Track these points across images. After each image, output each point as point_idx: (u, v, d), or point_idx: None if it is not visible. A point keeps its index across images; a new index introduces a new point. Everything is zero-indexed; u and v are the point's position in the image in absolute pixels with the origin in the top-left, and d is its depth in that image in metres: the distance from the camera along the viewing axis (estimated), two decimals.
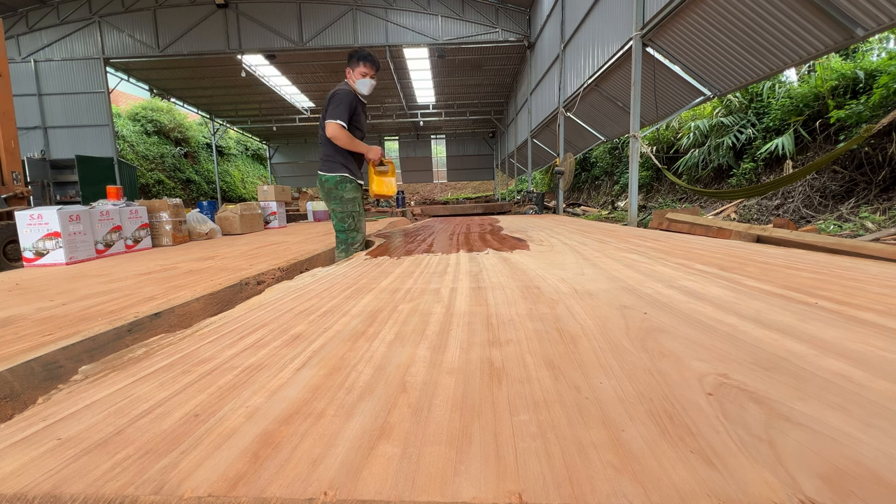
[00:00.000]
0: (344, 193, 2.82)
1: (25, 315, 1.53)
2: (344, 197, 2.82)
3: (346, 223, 2.85)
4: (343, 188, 2.81)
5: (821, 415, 0.55)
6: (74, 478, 0.46)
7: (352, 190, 2.84)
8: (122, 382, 0.73)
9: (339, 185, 2.81)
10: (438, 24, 12.78)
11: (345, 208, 2.83)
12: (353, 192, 2.84)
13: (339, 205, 2.83)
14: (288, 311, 1.19)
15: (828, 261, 1.69)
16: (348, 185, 2.82)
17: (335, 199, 2.83)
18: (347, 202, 2.83)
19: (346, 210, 2.83)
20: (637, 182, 5.97)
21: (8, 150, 4.72)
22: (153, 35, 12.97)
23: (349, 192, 2.83)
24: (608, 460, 0.47)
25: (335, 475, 0.46)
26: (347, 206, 2.83)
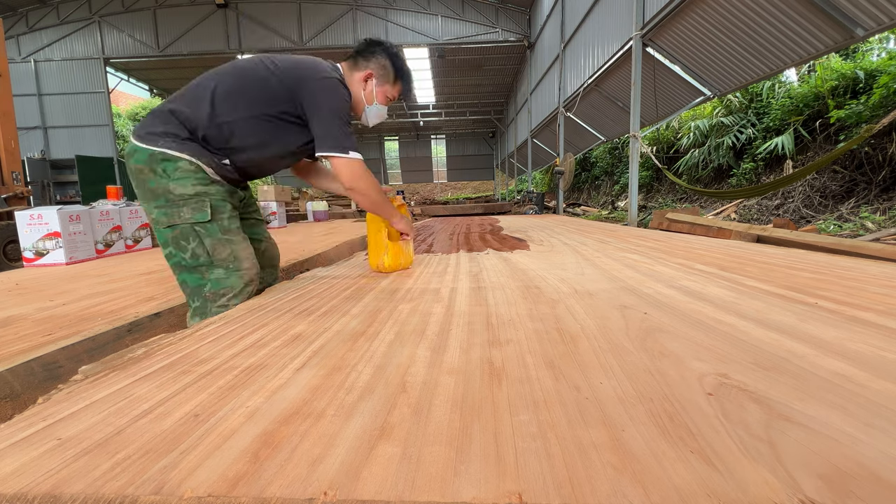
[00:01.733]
0: (170, 181, 1.37)
1: (25, 315, 1.53)
2: (170, 189, 1.37)
3: (185, 254, 1.40)
4: (169, 166, 1.37)
5: (821, 415, 0.55)
6: (74, 478, 0.46)
7: (189, 175, 1.39)
8: (122, 382, 0.73)
9: (161, 158, 1.36)
10: (438, 24, 12.78)
11: (174, 216, 1.38)
12: (191, 180, 1.39)
13: (162, 207, 1.39)
14: (288, 311, 1.20)
15: (828, 261, 1.69)
16: (182, 163, 1.38)
17: (152, 194, 1.39)
18: (179, 203, 1.38)
19: (181, 221, 1.38)
20: (637, 182, 5.97)
21: (8, 150, 4.72)
22: (153, 35, 12.97)
23: (186, 180, 1.38)
24: (608, 460, 0.47)
25: (335, 475, 0.46)
26: (182, 212, 1.38)
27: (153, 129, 1.40)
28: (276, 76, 1.44)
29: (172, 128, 1.39)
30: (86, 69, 13.27)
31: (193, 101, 1.42)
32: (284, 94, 1.44)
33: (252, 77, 1.44)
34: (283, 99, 1.44)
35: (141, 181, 1.40)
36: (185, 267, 1.43)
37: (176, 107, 1.42)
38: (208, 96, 1.41)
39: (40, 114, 13.43)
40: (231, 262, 1.44)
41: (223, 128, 1.42)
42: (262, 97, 1.43)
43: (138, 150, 1.38)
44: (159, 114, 1.43)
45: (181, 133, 1.40)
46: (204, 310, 1.42)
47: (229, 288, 1.43)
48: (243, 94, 1.43)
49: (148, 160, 1.37)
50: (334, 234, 4.26)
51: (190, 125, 1.40)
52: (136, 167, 1.40)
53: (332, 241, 3.51)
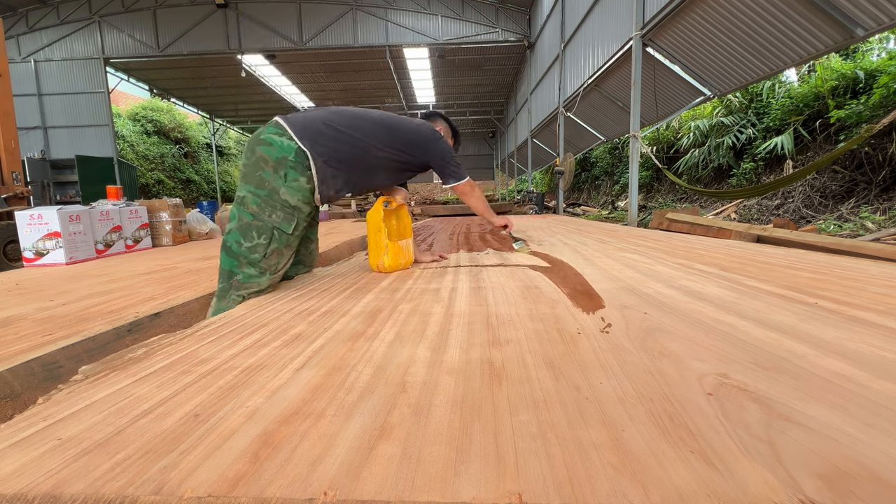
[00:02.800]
0: (284, 186, 1.48)
1: (25, 315, 1.53)
2: (278, 191, 1.48)
3: (246, 242, 1.48)
4: (291, 176, 1.49)
5: (821, 415, 0.55)
6: (74, 478, 0.46)
7: (304, 192, 1.52)
8: (122, 382, 0.73)
9: (291, 166, 1.49)
10: (438, 24, 12.77)
11: (266, 211, 1.48)
12: (299, 195, 1.51)
13: (259, 198, 1.49)
14: (288, 311, 1.19)
15: (828, 261, 1.69)
16: (302, 180, 1.50)
17: (258, 183, 1.49)
18: (277, 206, 1.49)
19: (268, 219, 1.49)
20: (637, 182, 5.97)
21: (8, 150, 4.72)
22: (153, 35, 12.96)
23: (296, 193, 1.50)
24: (608, 460, 0.47)
25: (335, 475, 0.46)
26: (274, 213, 1.49)
27: (308, 132, 1.56)
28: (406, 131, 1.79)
29: (322, 145, 1.56)
30: (86, 69, 13.26)
31: (346, 130, 1.63)
32: (416, 147, 1.80)
33: (389, 126, 1.75)
34: (415, 150, 1.80)
35: (258, 167, 1.51)
36: (232, 251, 1.52)
37: (328, 130, 1.60)
38: (361, 132, 1.65)
39: (40, 114, 13.43)
40: (272, 268, 1.54)
41: (372, 160, 1.68)
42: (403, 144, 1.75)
43: (274, 145, 1.51)
44: (316, 125, 1.60)
45: (326, 155, 1.56)
46: (225, 293, 1.52)
47: (255, 284, 1.52)
48: (390, 138, 1.72)
49: (277, 160, 1.50)
50: (334, 234, 4.26)
51: (339, 152, 1.60)
52: (262, 155, 1.51)
53: (332, 241, 3.51)
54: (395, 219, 1.93)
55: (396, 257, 1.80)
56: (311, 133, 1.55)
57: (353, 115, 1.69)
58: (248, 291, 1.50)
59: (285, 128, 1.53)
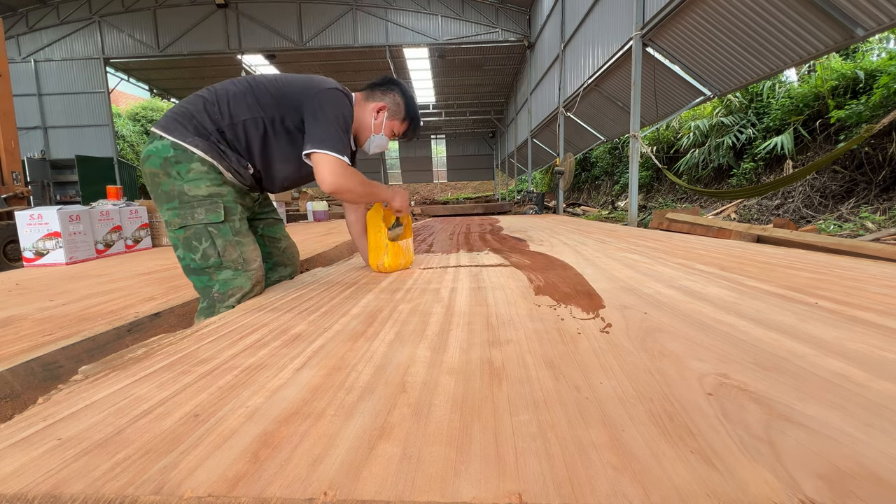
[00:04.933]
0: (184, 183, 1.39)
1: (25, 315, 1.53)
2: (184, 191, 1.39)
3: (196, 254, 1.41)
4: (183, 169, 1.39)
5: (821, 415, 0.55)
6: (74, 478, 0.46)
7: (205, 177, 1.41)
8: (122, 382, 0.73)
9: (176, 161, 1.39)
10: (438, 24, 12.78)
11: (188, 217, 1.40)
12: (205, 181, 1.41)
13: (176, 210, 1.40)
14: (288, 311, 1.20)
15: (828, 261, 1.69)
16: (195, 165, 1.40)
17: (167, 197, 1.41)
18: (193, 204, 1.40)
19: (194, 221, 1.40)
20: (637, 182, 5.97)
21: (8, 150, 4.72)
22: (153, 35, 12.97)
23: (199, 182, 1.40)
24: (608, 460, 0.47)
25: (335, 475, 0.46)
26: (195, 213, 1.39)
27: (172, 122, 1.43)
28: (286, 85, 1.50)
29: (191, 123, 1.43)
30: (86, 69, 13.26)
31: (214, 102, 1.46)
32: (293, 101, 1.47)
33: (264, 84, 1.49)
34: (291, 107, 1.47)
35: (155, 184, 1.43)
36: (193, 269, 1.45)
37: (194, 108, 1.45)
38: (225, 98, 1.46)
39: (40, 114, 13.43)
40: (240, 263, 1.46)
41: (237, 127, 1.45)
42: (271, 102, 1.47)
43: (152, 155, 1.41)
44: (180, 110, 1.46)
45: (199, 129, 1.42)
46: (211, 310, 1.44)
47: (238, 288, 1.45)
48: (257, 98, 1.47)
49: (162, 164, 1.40)
50: (334, 234, 4.26)
51: (209, 123, 1.43)
52: (150, 171, 1.43)
53: (332, 241, 3.51)
54: (394, 219, 1.93)
55: (396, 257, 1.80)
56: (176, 118, 1.44)
57: (223, 84, 1.53)
58: (235, 298, 1.43)
59: (153, 130, 1.47)
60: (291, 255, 1.86)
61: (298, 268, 1.92)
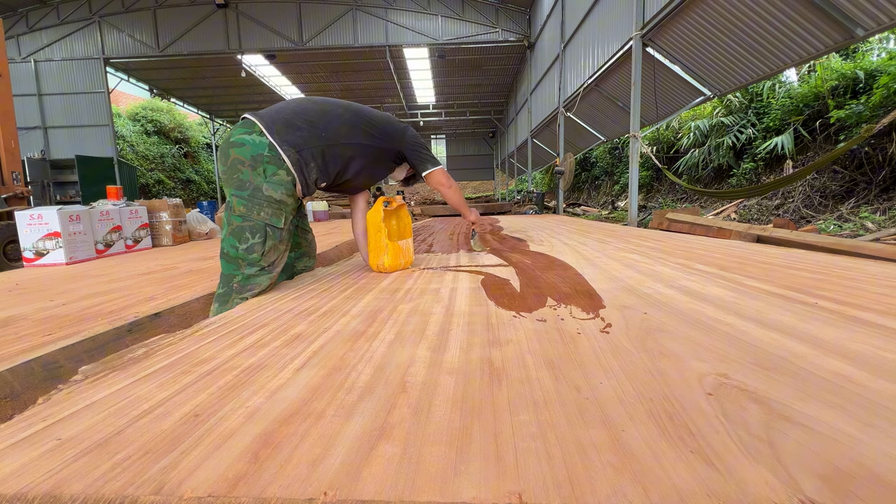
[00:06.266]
0: (265, 182, 1.48)
1: (25, 315, 1.53)
2: (262, 189, 1.48)
3: (242, 244, 1.48)
4: (270, 171, 1.49)
5: (821, 415, 0.55)
6: (74, 478, 0.46)
7: (285, 185, 1.51)
8: (122, 382, 0.73)
9: (268, 161, 1.49)
10: (438, 24, 12.77)
11: (254, 211, 1.48)
12: (282, 189, 1.51)
13: (245, 200, 1.48)
14: (288, 311, 1.19)
15: (828, 261, 1.69)
16: (282, 173, 1.50)
17: (240, 185, 1.49)
18: (263, 203, 1.48)
19: (258, 217, 1.48)
20: (637, 182, 5.96)
21: (8, 150, 4.72)
22: (153, 35, 12.96)
23: (278, 188, 1.50)
24: (608, 460, 0.47)
25: (335, 475, 0.46)
26: (262, 211, 1.48)
27: (279, 124, 1.55)
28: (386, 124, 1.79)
29: (294, 133, 1.56)
30: (86, 69, 13.25)
31: (322, 122, 1.62)
32: (392, 139, 1.79)
33: (368, 118, 1.74)
34: (390, 141, 1.79)
35: (234, 169, 1.52)
36: (230, 256, 1.52)
37: (301, 119, 1.60)
38: (338, 121, 1.65)
39: (40, 114, 13.42)
40: (270, 265, 1.56)
41: (338, 148, 1.64)
42: (377, 135, 1.74)
43: (246, 144, 1.51)
44: (287, 115, 1.60)
45: (299, 141, 1.56)
46: (226, 297, 1.52)
47: (257, 285, 1.53)
48: (364, 129, 1.70)
49: (252, 157, 1.50)
50: (335, 235, 4.26)
51: (311, 139, 1.58)
52: (236, 157, 1.51)
53: (332, 241, 3.51)
54: (395, 219, 1.93)
55: (396, 257, 1.81)
56: (281, 125, 1.55)
57: (323, 103, 1.70)
58: (252, 293, 1.50)
59: (254, 122, 1.54)
60: (314, 246, 2.03)
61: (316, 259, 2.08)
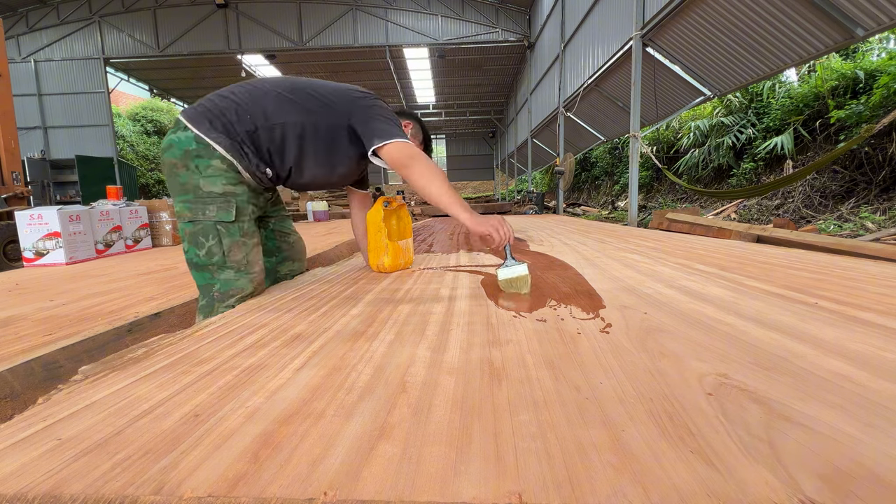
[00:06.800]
0: (201, 178, 1.39)
1: (25, 315, 1.53)
2: (200, 186, 1.39)
3: (201, 250, 1.41)
4: (202, 164, 1.39)
5: (821, 415, 0.55)
6: (74, 478, 0.46)
7: (223, 175, 1.41)
8: (122, 382, 0.73)
9: (196, 155, 1.38)
10: (438, 24, 12.78)
11: (199, 212, 1.40)
12: (222, 180, 1.41)
13: (189, 203, 1.40)
14: (288, 311, 1.19)
15: (828, 261, 1.69)
16: (215, 163, 1.39)
17: (181, 189, 1.41)
18: (206, 200, 1.40)
19: (204, 218, 1.40)
20: (637, 182, 5.96)
21: (8, 150, 4.72)
22: (153, 35, 12.96)
23: (216, 179, 1.40)
24: (608, 460, 0.47)
25: (335, 475, 0.46)
26: (207, 210, 1.40)
27: (200, 115, 1.42)
28: (331, 93, 1.54)
29: (220, 119, 1.42)
30: (86, 69, 13.26)
31: (249, 102, 1.46)
32: (340, 108, 1.51)
33: (306, 90, 1.51)
34: (337, 113, 1.51)
35: (173, 175, 1.43)
36: (196, 264, 1.45)
37: (225, 105, 1.45)
38: (263, 100, 1.46)
39: (40, 114, 13.43)
40: (244, 264, 1.45)
41: (275, 129, 1.46)
42: (317, 108, 1.49)
43: (174, 145, 1.41)
44: (210, 104, 1.45)
45: (227, 127, 1.42)
46: (209, 309, 1.44)
47: (239, 289, 1.45)
48: (301, 103, 1.48)
49: (182, 156, 1.40)
50: (334, 234, 4.26)
51: (240, 123, 1.43)
52: (169, 161, 1.42)
53: (332, 241, 3.51)
54: (395, 219, 1.93)
55: (396, 257, 1.80)
56: (206, 112, 1.43)
57: (255, 83, 1.54)
58: (235, 299, 1.43)
59: (179, 119, 1.45)
60: (300, 249, 1.88)
61: (305, 261, 1.94)
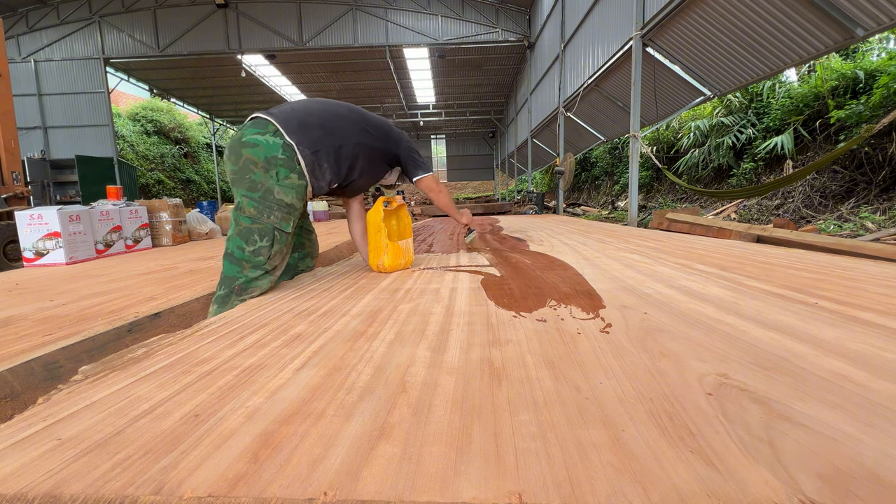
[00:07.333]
0: (277, 185, 1.48)
1: (25, 315, 1.53)
2: (273, 192, 1.48)
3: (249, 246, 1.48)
4: (283, 174, 1.48)
5: (821, 415, 0.55)
6: (74, 478, 0.46)
7: (297, 188, 1.52)
8: (122, 382, 0.73)
9: (281, 164, 1.48)
10: (438, 24, 12.77)
11: (264, 214, 1.48)
12: (294, 193, 1.51)
13: (255, 201, 1.48)
14: (288, 311, 1.19)
15: (828, 261, 1.69)
16: (294, 177, 1.50)
17: (251, 186, 1.48)
18: (273, 206, 1.49)
19: (268, 221, 1.48)
20: (637, 182, 5.96)
21: (8, 150, 4.72)
22: (153, 35, 12.96)
23: (290, 191, 1.50)
24: (608, 460, 0.47)
25: (335, 475, 0.46)
26: (272, 214, 1.48)
27: (294, 124, 1.55)
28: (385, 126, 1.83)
29: (308, 134, 1.56)
30: (86, 69, 13.25)
31: (333, 119, 1.65)
32: (391, 140, 1.82)
33: (373, 120, 1.78)
34: (390, 142, 1.81)
35: (246, 169, 1.50)
36: (234, 257, 1.50)
37: (314, 120, 1.60)
38: (347, 119, 1.68)
39: (40, 114, 13.41)
40: (273, 268, 1.55)
41: (353, 147, 1.66)
42: (380, 136, 1.77)
43: (260, 145, 1.49)
44: (301, 116, 1.60)
45: (312, 142, 1.55)
46: (226, 299, 1.50)
47: (258, 287, 1.51)
48: (369, 129, 1.73)
49: (266, 159, 1.49)
50: (335, 234, 4.26)
51: (326, 139, 1.59)
52: (249, 157, 1.49)
53: (332, 241, 3.51)
54: (395, 219, 1.93)
55: (396, 257, 1.80)
56: (295, 125, 1.53)
57: (328, 104, 1.72)
58: (251, 296, 1.48)
59: (270, 121, 1.52)
60: (317, 246, 2.03)
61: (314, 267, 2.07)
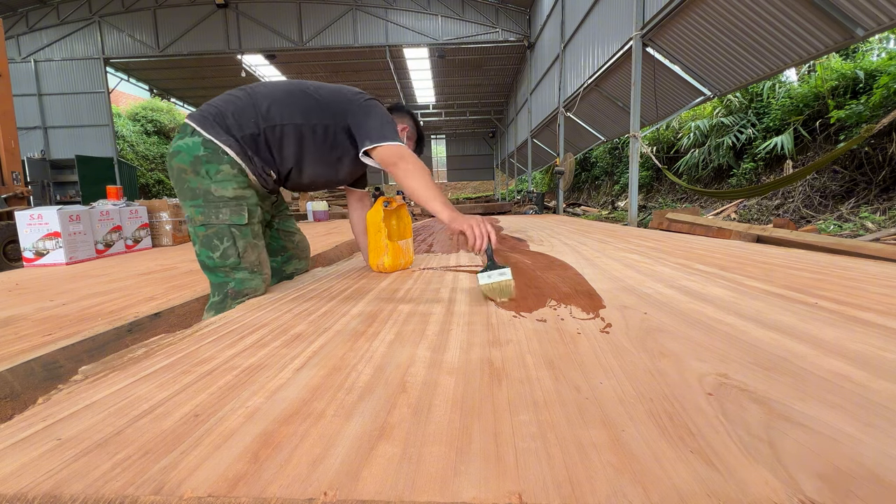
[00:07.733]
0: (212, 183, 1.40)
1: (25, 315, 1.53)
2: (211, 191, 1.40)
3: (215, 252, 1.42)
4: (212, 169, 1.40)
5: (821, 415, 0.55)
6: (74, 478, 0.46)
7: (234, 179, 1.43)
8: (122, 382, 0.73)
9: (206, 161, 1.40)
10: (438, 24, 12.78)
11: (212, 216, 1.41)
12: (232, 184, 1.42)
13: (201, 208, 1.41)
14: (288, 311, 1.19)
15: (828, 261, 1.69)
16: (225, 168, 1.41)
17: (192, 194, 1.42)
18: (218, 204, 1.41)
19: (218, 221, 1.42)
20: (637, 182, 5.96)
21: (8, 150, 4.73)
22: (153, 35, 12.96)
23: (227, 184, 1.41)
24: (608, 460, 0.47)
25: (335, 475, 0.46)
26: (220, 213, 1.41)
27: (208, 119, 1.44)
28: (329, 94, 1.57)
29: (224, 123, 1.45)
30: (86, 69, 13.26)
31: (252, 105, 1.49)
32: (337, 109, 1.54)
33: (304, 91, 1.55)
34: (334, 113, 1.54)
35: (182, 180, 1.44)
36: (209, 266, 1.48)
37: (229, 108, 1.47)
38: (266, 102, 1.49)
39: (40, 114, 13.42)
40: (256, 265, 1.50)
41: (275, 130, 1.49)
42: (315, 108, 1.52)
43: (182, 151, 1.43)
44: (214, 109, 1.48)
45: (232, 130, 1.44)
46: (222, 306, 1.46)
47: (252, 289, 1.49)
48: (299, 104, 1.51)
49: (192, 162, 1.42)
50: (334, 235, 4.26)
51: (244, 126, 1.46)
52: (178, 167, 1.43)
53: (332, 241, 3.51)
54: (395, 219, 1.93)
55: (396, 257, 1.80)
56: (212, 117, 1.45)
57: (256, 85, 1.58)
58: (248, 298, 1.46)
59: (188, 123, 1.47)
60: (304, 247, 1.93)
61: (309, 259, 1.98)
